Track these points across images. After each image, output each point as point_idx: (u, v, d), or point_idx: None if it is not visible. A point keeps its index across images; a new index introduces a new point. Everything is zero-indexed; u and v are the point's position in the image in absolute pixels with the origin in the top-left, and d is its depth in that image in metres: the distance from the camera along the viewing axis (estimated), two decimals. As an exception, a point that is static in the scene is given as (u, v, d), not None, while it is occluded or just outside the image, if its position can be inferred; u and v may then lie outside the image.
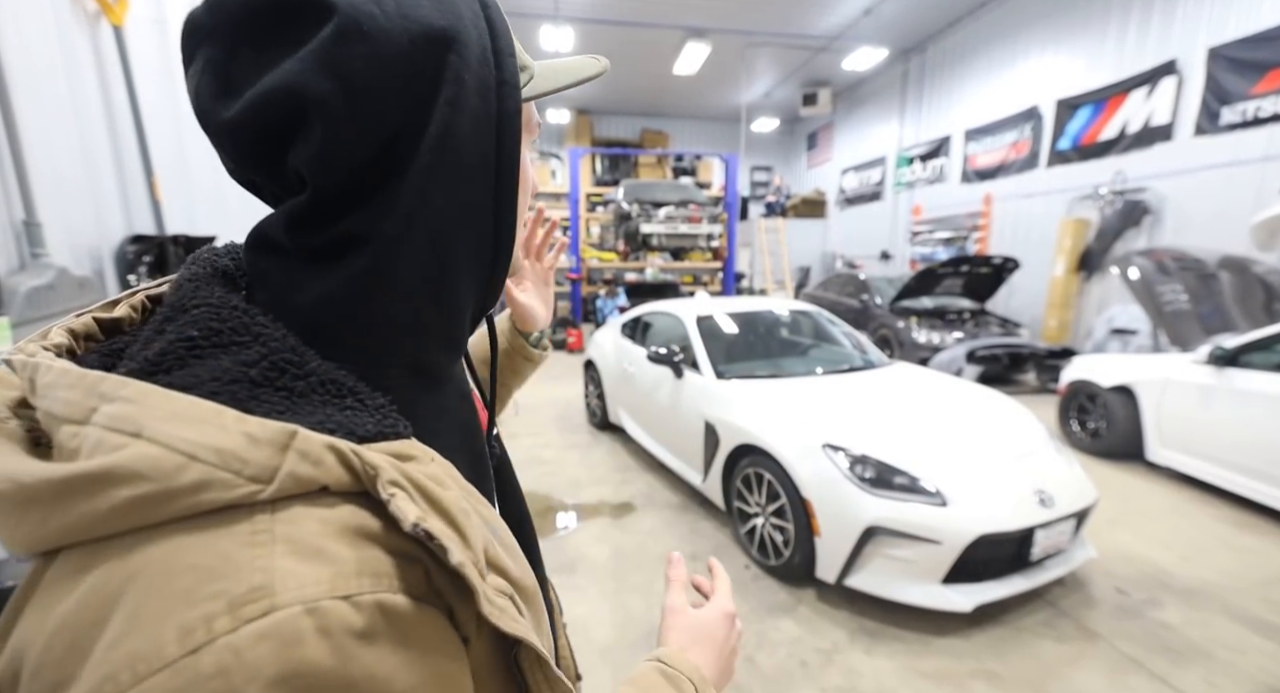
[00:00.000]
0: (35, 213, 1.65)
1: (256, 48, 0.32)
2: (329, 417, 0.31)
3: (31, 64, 1.71)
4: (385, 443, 0.32)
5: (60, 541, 0.25)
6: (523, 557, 0.38)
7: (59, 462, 0.25)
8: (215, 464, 0.25)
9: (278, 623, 0.24)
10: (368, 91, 0.31)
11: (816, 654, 2.04)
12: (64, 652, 0.23)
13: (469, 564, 0.29)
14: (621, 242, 8.90)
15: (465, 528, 0.31)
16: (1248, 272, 4.37)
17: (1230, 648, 2.07)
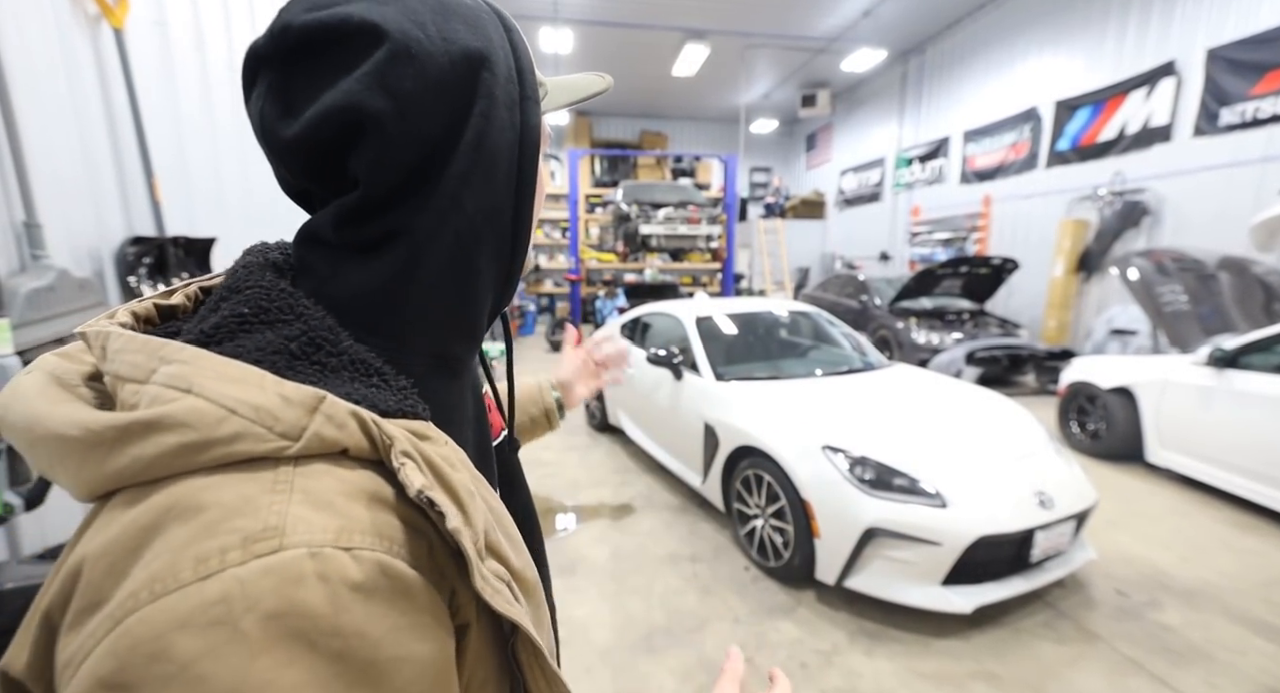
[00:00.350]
0: (36, 215, 1.65)
1: (314, 71, 0.35)
2: (355, 389, 0.34)
3: (32, 66, 1.71)
4: (404, 420, 0.34)
5: (115, 483, 0.29)
6: (525, 550, 0.39)
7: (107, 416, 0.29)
8: (251, 418, 0.29)
9: (283, 561, 0.26)
10: (417, 106, 0.35)
11: (816, 656, 2.04)
12: (104, 573, 0.26)
13: (466, 533, 0.30)
14: (621, 243, 8.91)
15: (468, 506, 0.32)
16: (1247, 273, 4.38)
17: (1230, 649, 2.07)
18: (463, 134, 0.37)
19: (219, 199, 2.66)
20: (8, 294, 1.53)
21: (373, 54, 0.34)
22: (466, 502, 0.32)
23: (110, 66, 2.02)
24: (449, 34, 0.37)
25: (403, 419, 0.34)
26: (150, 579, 0.25)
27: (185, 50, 2.43)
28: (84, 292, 1.80)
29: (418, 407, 0.36)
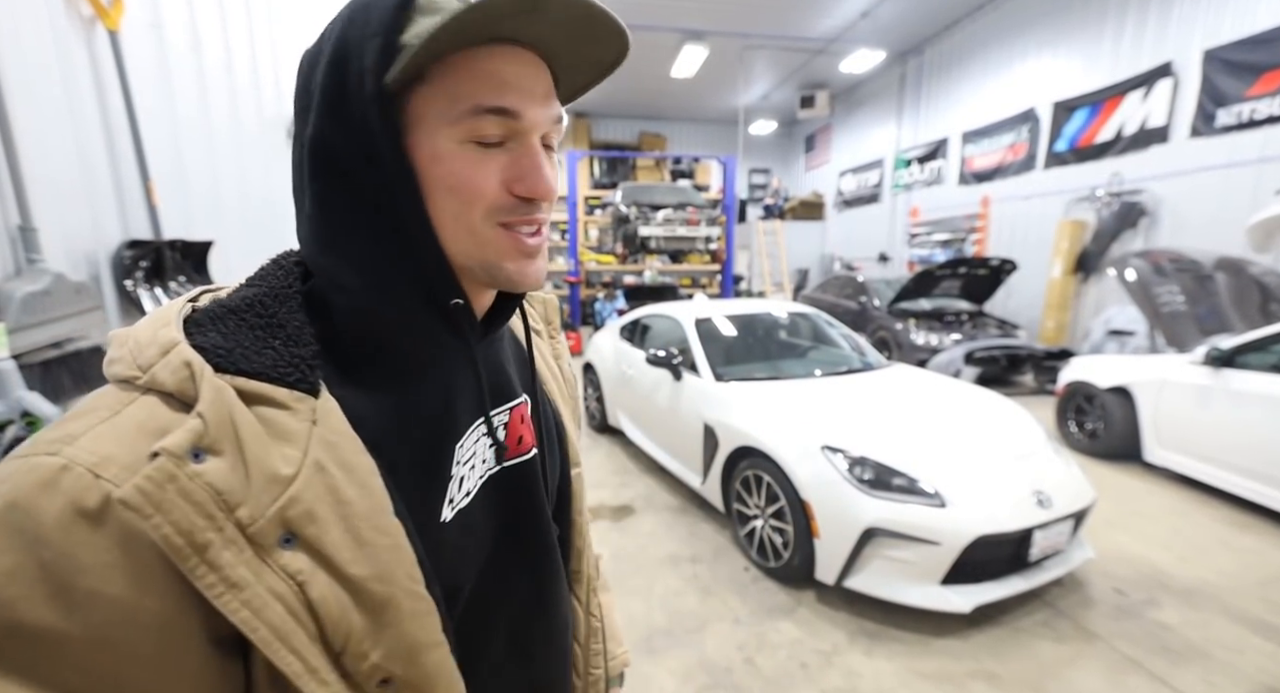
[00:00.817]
0: (31, 218, 1.65)
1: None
2: (238, 345, 0.36)
3: (26, 69, 1.71)
4: (258, 382, 0.35)
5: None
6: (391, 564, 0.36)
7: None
8: (130, 347, 0.34)
9: (46, 464, 0.29)
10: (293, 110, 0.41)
11: (816, 656, 2.04)
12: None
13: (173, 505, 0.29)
14: (620, 244, 8.91)
15: (255, 480, 0.32)
16: (1244, 273, 4.38)
17: (1229, 648, 2.07)
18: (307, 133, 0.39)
19: (216, 202, 2.66)
20: (3, 298, 1.53)
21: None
22: (255, 477, 0.32)
23: (106, 69, 2.02)
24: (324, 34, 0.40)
25: (261, 381, 0.35)
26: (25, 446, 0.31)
27: (181, 52, 2.42)
28: (80, 295, 1.79)
29: (292, 375, 0.36)
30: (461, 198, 0.39)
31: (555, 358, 0.65)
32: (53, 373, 1.68)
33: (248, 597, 0.31)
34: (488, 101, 0.37)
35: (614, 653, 0.70)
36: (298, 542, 0.33)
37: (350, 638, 0.35)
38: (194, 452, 0.31)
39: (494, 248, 0.41)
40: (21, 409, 1.43)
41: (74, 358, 1.77)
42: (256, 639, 0.31)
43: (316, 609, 0.33)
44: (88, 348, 1.82)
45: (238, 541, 0.31)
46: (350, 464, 0.36)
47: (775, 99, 12.45)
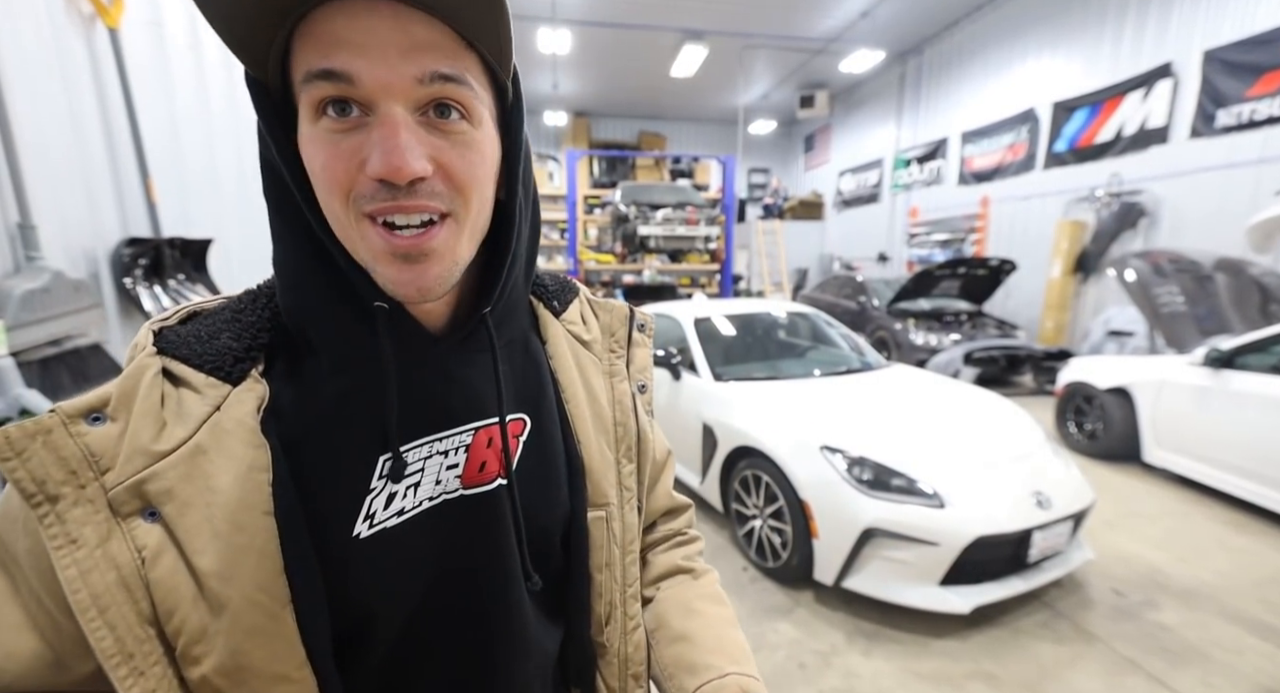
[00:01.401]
0: (30, 216, 1.64)
1: None
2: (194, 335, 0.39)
3: (26, 67, 1.71)
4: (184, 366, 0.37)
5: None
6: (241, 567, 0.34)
7: None
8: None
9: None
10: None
11: (814, 656, 2.04)
12: None
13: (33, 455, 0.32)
14: (619, 244, 8.90)
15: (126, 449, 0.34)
16: (1243, 274, 4.39)
17: (1227, 649, 2.07)
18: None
19: (215, 199, 2.65)
20: (2, 296, 1.52)
21: None
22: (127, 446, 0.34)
23: (105, 66, 2.02)
24: None
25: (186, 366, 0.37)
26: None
27: (180, 50, 2.42)
28: (79, 293, 1.79)
29: (212, 363, 0.38)
30: (322, 184, 0.35)
31: (607, 376, 0.55)
32: (51, 370, 1.68)
33: (80, 557, 0.32)
34: (314, 65, 0.32)
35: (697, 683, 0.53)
36: (158, 518, 0.33)
37: (184, 634, 0.33)
38: (93, 415, 0.34)
39: (366, 245, 0.36)
40: (20, 407, 1.43)
41: (73, 355, 1.76)
42: (73, 602, 0.31)
43: (153, 590, 0.33)
44: (86, 345, 1.81)
45: (96, 501, 0.33)
46: (235, 454, 0.35)
47: (775, 99, 12.44)
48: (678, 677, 0.54)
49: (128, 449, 0.34)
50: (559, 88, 11.62)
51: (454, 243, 0.38)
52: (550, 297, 0.56)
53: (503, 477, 0.45)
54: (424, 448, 0.42)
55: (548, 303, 0.55)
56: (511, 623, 0.46)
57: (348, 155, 0.34)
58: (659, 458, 0.62)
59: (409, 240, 0.35)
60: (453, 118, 0.35)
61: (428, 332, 0.43)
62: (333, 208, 0.35)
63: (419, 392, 0.42)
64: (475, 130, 0.37)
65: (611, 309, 0.60)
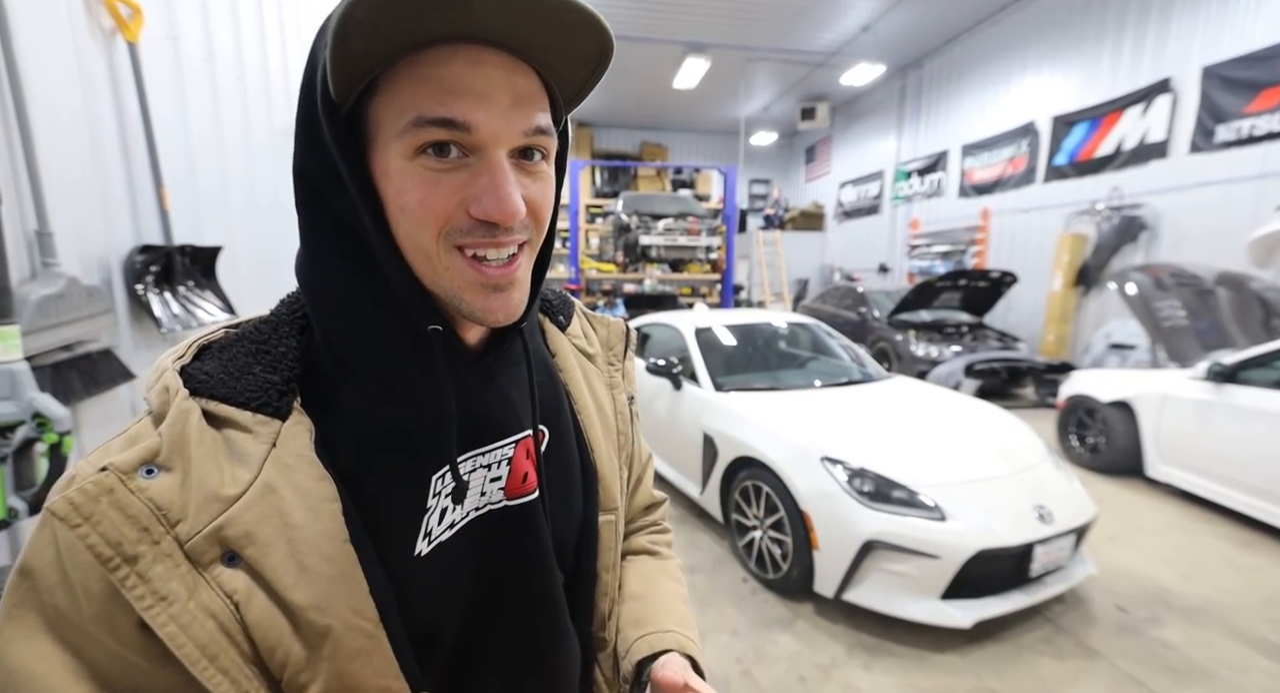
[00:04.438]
0: (48, 223, 1.67)
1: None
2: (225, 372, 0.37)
3: (48, 80, 1.75)
4: (226, 406, 0.36)
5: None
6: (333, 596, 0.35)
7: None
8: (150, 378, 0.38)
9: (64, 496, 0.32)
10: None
11: (815, 670, 2.03)
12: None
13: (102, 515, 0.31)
14: (620, 253, 8.95)
15: (194, 498, 0.33)
16: (1245, 288, 4.40)
17: (1232, 668, 2.06)
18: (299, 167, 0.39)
19: (225, 208, 2.69)
20: (19, 301, 1.55)
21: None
22: (195, 495, 0.33)
23: (124, 79, 2.06)
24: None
25: (229, 405, 0.36)
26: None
27: (196, 63, 2.46)
28: (92, 299, 1.81)
29: (258, 399, 0.36)
30: (413, 219, 0.36)
31: (609, 387, 0.59)
32: (63, 375, 1.70)
33: (176, 612, 0.31)
34: (430, 112, 0.34)
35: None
36: (240, 562, 0.33)
37: (288, 667, 0.34)
38: (146, 467, 0.33)
39: (452, 276, 0.37)
40: (33, 410, 1.44)
41: (84, 360, 1.78)
42: (181, 655, 0.31)
43: (252, 631, 0.33)
44: (98, 350, 1.84)
45: (174, 555, 0.32)
46: (304, 488, 0.35)
47: (776, 111, 12.55)
48: (624, 630, 0.57)
49: (197, 498, 0.33)
50: (564, 99, 11.72)
51: (528, 268, 0.41)
52: (555, 311, 0.58)
53: (538, 488, 0.47)
54: (469, 462, 0.44)
55: (553, 318, 0.57)
56: (558, 622, 0.49)
57: (448, 193, 0.35)
58: (642, 460, 0.68)
59: (498, 271, 0.38)
60: (536, 159, 0.39)
61: (468, 349, 0.44)
62: (421, 241, 0.36)
63: (463, 408, 0.42)
64: (550, 167, 0.41)
65: (608, 324, 0.63)
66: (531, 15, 0.33)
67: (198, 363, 0.38)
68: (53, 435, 1.48)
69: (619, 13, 8.12)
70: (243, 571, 0.33)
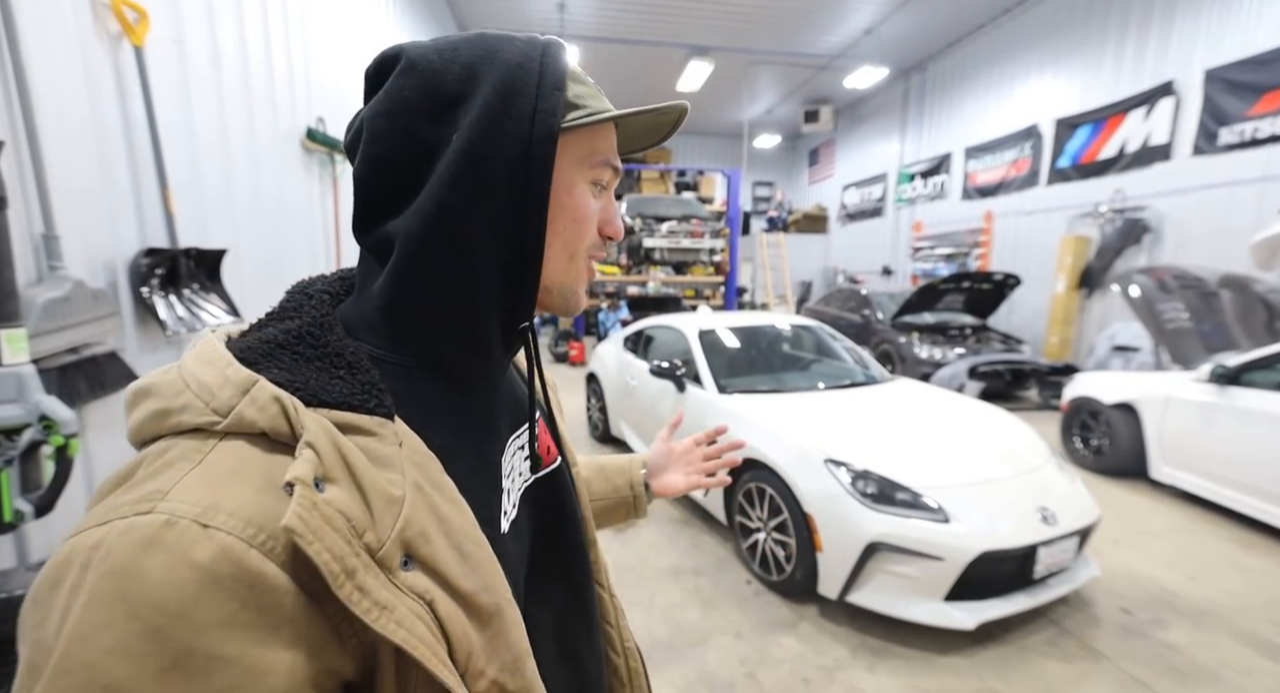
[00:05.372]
0: (54, 226, 1.68)
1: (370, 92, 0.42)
2: (310, 379, 0.35)
3: (55, 83, 1.76)
4: (344, 413, 0.35)
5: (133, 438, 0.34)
6: (492, 575, 0.37)
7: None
8: (196, 393, 0.32)
9: (145, 522, 0.27)
10: (406, 110, 0.39)
11: (819, 672, 2.03)
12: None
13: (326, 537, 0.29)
14: (624, 255, 8.96)
15: (374, 504, 0.32)
16: (1249, 290, 4.39)
17: (1237, 670, 2.05)
18: (451, 139, 0.38)
19: (230, 211, 2.71)
20: (25, 303, 1.56)
21: (392, 73, 0.40)
22: (374, 500, 0.32)
23: (130, 83, 2.08)
24: (459, 56, 0.40)
25: (345, 412, 0.34)
26: (85, 519, 0.29)
27: (201, 67, 2.48)
28: (98, 302, 1.82)
29: (371, 402, 0.36)
30: (580, 227, 0.44)
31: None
32: (69, 378, 1.71)
33: (399, 617, 0.31)
34: (612, 159, 0.46)
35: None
36: (414, 562, 0.33)
37: (470, 655, 0.35)
38: (315, 481, 0.30)
39: (578, 276, 0.46)
40: (40, 413, 1.45)
41: (90, 363, 1.79)
42: (420, 656, 0.30)
43: (445, 627, 0.33)
44: (103, 353, 1.85)
45: (371, 566, 0.31)
46: (439, 482, 0.37)
47: (779, 113, 12.58)
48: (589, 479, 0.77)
49: (377, 504, 0.32)
50: (566, 102, 11.77)
51: None
52: None
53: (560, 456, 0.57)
54: (513, 444, 0.49)
55: None
56: (584, 563, 0.56)
57: (596, 213, 0.46)
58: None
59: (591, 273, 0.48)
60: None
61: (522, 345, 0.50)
62: (577, 245, 0.45)
63: (507, 396, 0.50)
64: None
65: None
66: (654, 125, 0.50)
67: (283, 372, 0.35)
68: (59, 438, 1.48)
69: (622, 16, 8.15)
70: (419, 571, 0.34)
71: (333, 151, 3.72)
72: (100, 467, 1.91)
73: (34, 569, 1.54)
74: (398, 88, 0.39)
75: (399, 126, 0.39)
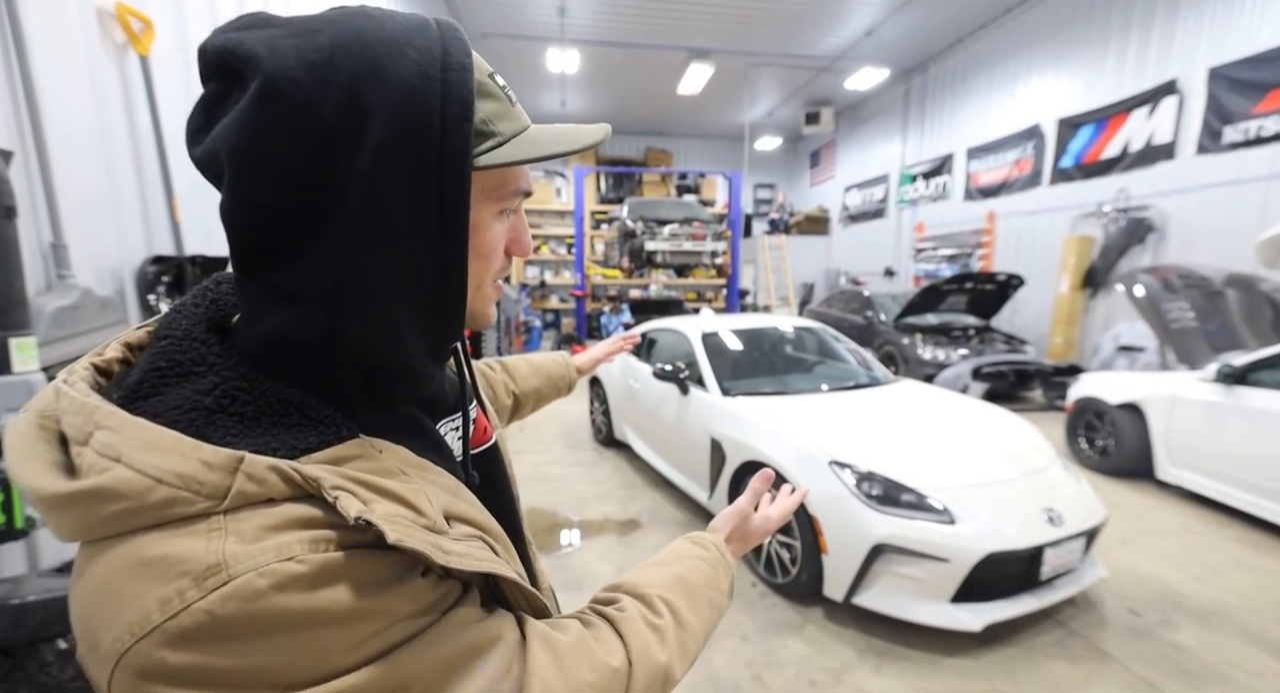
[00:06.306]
0: (63, 235, 1.71)
1: (214, 95, 0.36)
2: (275, 437, 0.35)
3: (62, 93, 1.78)
4: (326, 451, 0.37)
5: (78, 536, 0.33)
6: (485, 513, 0.46)
7: (71, 479, 0.32)
8: (178, 486, 0.31)
9: (238, 586, 0.30)
10: (278, 152, 0.34)
11: (825, 674, 2.02)
12: (93, 623, 0.32)
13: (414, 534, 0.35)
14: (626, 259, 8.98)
15: (415, 501, 0.38)
16: (1254, 289, 4.37)
17: (1246, 671, 2.04)
18: (344, 188, 0.35)
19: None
20: (34, 312, 1.58)
21: (247, 89, 0.33)
22: (412, 499, 0.37)
23: (136, 92, 2.10)
24: (336, 75, 0.34)
25: (328, 449, 0.36)
26: (128, 626, 0.30)
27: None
28: (106, 310, 1.84)
29: (341, 431, 0.38)
30: (486, 262, 0.44)
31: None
32: (77, 385, 1.73)
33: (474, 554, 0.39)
34: (525, 186, 0.45)
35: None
36: (454, 520, 0.41)
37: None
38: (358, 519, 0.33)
39: (486, 299, 0.47)
40: (49, 421, 1.47)
41: (97, 371, 1.82)
42: (499, 572, 0.40)
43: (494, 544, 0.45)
44: (111, 361, 1.87)
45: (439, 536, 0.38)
46: (421, 464, 0.43)
47: (780, 115, 12.59)
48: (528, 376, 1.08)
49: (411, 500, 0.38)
50: (567, 105, 11.83)
51: None
52: None
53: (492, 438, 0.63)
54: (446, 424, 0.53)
55: None
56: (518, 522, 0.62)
57: (501, 239, 0.46)
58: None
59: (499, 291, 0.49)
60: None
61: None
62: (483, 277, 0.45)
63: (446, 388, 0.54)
64: None
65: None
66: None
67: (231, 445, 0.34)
68: (68, 443, 1.50)
69: (623, 19, 8.18)
70: (460, 524, 0.42)
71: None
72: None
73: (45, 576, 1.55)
74: (261, 122, 0.33)
75: (271, 171, 0.34)
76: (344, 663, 0.31)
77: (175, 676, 0.29)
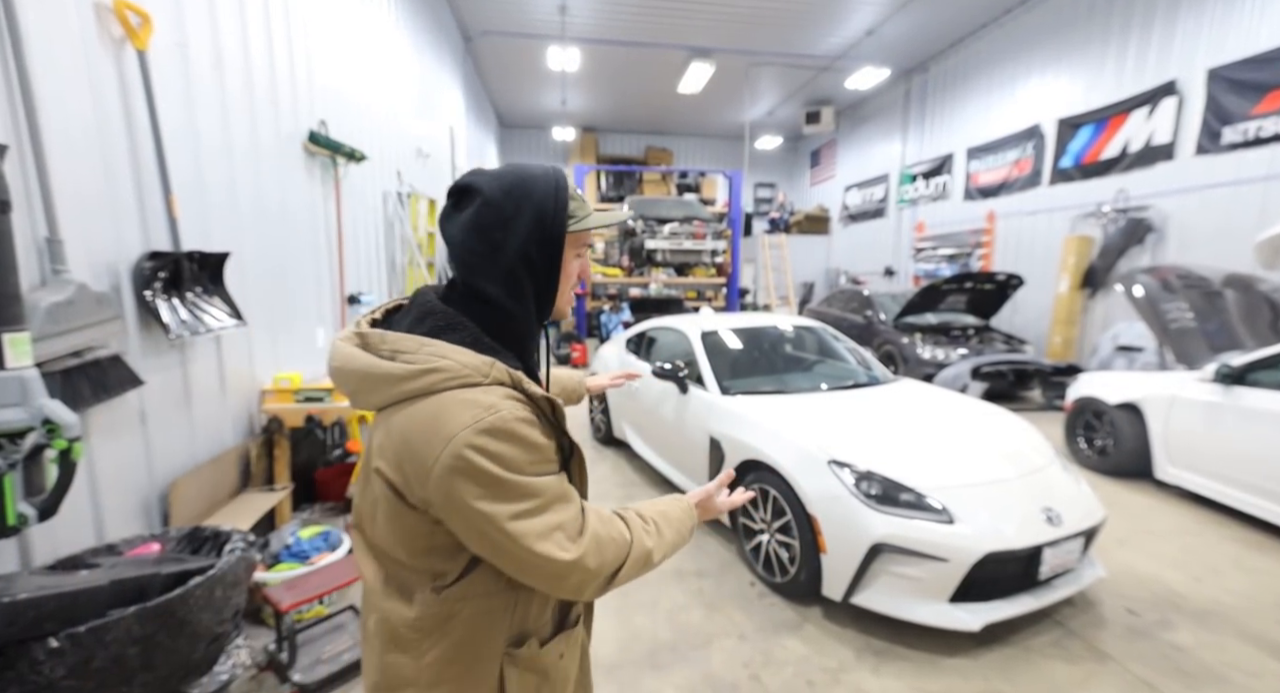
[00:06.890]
0: (58, 230, 1.69)
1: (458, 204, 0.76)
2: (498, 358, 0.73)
3: (59, 87, 1.77)
4: (516, 372, 0.73)
5: (391, 400, 0.70)
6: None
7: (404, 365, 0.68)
8: (472, 370, 0.69)
9: (502, 416, 0.67)
10: (487, 227, 0.74)
11: (823, 674, 2.02)
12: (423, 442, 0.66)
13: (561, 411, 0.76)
14: (626, 257, 8.97)
15: (556, 403, 0.75)
16: (1253, 289, 4.37)
17: (1245, 672, 2.04)
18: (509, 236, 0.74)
19: (233, 215, 2.71)
20: (29, 307, 1.56)
21: (475, 202, 0.74)
22: (556, 403, 0.75)
23: (133, 87, 2.08)
24: (511, 193, 0.74)
25: (516, 371, 0.73)
26: (459, 426, 0.64)
27: (204, 71, 2.49)
28: (101, 305, 1.83)
29: (515, 362, 0.76)
30: (570, 280, 0.83)
31: None
32: (72, 381, 1.71)
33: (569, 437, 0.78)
34: (587, 240, 0.85)
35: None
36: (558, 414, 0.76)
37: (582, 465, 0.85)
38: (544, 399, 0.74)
39: (566, 300, 0.83)
40: (43, 417, 1.46)
41: (93, 366, 1.79)
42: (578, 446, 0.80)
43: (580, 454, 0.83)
44: (106, 357, 1.85)
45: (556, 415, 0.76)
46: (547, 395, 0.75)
47: (781, 115, 12.58)
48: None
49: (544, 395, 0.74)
50: (567, 104, 11.81)
51: None
52: None
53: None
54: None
55: None
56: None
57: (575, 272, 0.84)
58: None
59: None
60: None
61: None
62: (568, 290, 0.83)
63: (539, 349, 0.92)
64: None
65: None
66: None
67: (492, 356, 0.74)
68: (62, 442, 1.49)
69: (623, 18, 8.17)
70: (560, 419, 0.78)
71: (334, 154, 3.72)
72: (104, 470, 1.91)
73: (37, 573, 1.54)
74: (481, 215, 0.73)
75: (485, 236, 0.74)
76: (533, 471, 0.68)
77: (477, 448, 0.64)
